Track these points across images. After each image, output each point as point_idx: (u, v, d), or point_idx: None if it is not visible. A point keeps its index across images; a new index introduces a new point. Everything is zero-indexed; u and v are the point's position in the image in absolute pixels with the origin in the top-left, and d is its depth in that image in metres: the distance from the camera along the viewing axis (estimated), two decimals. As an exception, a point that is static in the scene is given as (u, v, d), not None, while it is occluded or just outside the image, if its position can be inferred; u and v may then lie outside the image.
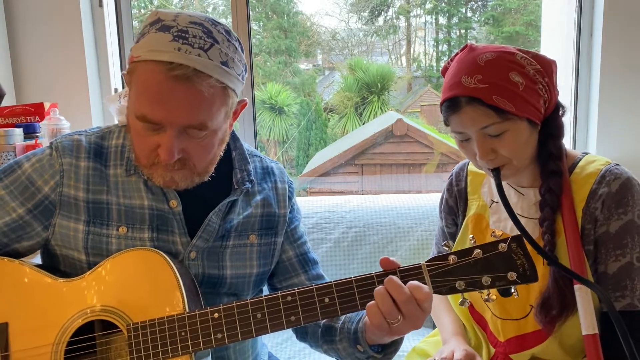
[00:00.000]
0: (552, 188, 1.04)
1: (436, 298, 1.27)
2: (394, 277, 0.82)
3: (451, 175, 1.27)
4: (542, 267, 1.06)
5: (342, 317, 1.01)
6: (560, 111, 1.08)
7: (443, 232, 1.29)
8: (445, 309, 1.27)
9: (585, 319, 0.98)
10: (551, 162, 1.06)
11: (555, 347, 1.09)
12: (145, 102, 0.86)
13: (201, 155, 0.92)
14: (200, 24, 0.87)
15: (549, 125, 1.05)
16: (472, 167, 1.23)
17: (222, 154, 0.99)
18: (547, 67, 1.02)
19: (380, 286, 0.83)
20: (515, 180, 1.12)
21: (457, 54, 1.06)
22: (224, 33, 0.89)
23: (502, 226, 1.14)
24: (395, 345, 0.96)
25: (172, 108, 0.85)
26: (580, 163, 1.08)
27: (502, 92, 0.97)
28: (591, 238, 1.04)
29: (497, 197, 1.15)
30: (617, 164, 1.06)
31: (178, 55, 0.83)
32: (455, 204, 1.24)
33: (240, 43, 0.93)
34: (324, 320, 1.04)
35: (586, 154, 1.11)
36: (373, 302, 0.82)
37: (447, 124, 1.05)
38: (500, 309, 1.12)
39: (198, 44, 0.84)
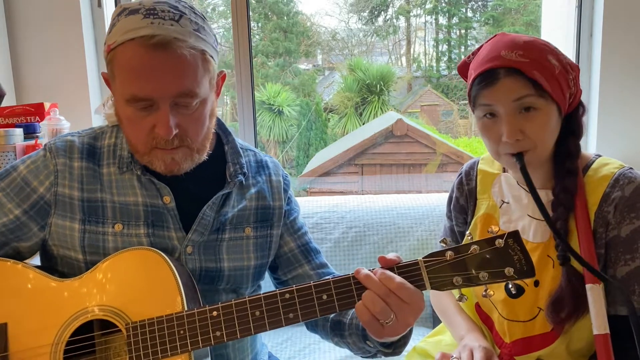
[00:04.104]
0: (567, 187, 1.03)
1: (446, 301, 1.27)
2: (364, 270, 0.84)
3: (460, 174, 1.25)
4: (552, 270, 1.06)
5: (350, 312, 1.01)
6: (581, 110, 1.08)
7: (452, 232, 1.27)
8: (456, 310, 1.25)
9: (597, 318, 0.98)
10: (568, 161, 1.05)
11: (562, 350, 1.09)
12: (132, 81, 0.87)
13: (196, 129, 0.93)
14: (165, 2, 0.90)
15: (571, 123, 1.06)
16: (482, 165, 1.22)
17: (212, 133, 1.00)
18: (574, 66, 1.04)
19: (367, 272, 0.84)
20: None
21: (480, 47, 1.07)
22: (188, 7, 0.92)
23: (512, 227, 1.13)
24: (404, 339, 0.96)
25: (160, 78, 0.86)
26: (594, 165, 1.07)
27: (542, 69, 0.98)
28: (602, 242, 1.03)
29: (507, 198, 1.14)
30: (631, 168, 1.06)
31: (153, 27, 0.86)
32: (466, 203, 1.23)
33: (205, 19, 0.95)
34: (332, 315, 1.04)
35: (599, 156, 1.10)
36: (360, 301, 0.83)
37: (474, 101, 1.04)
38: (507, 310, 1.12)
39: (168, 16, 0.88)
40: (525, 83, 0.98)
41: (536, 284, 1.08)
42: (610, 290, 1.03)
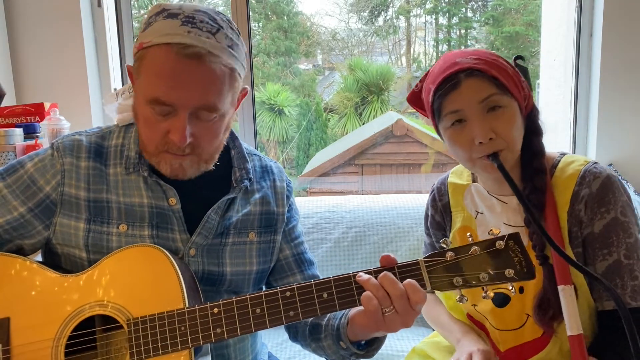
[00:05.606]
0: (537, 186, 1.04)
1: (436, 310, 1.27)
2: (389, 273, 0.84)
3: (433, 191, 1.26)
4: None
5: (328, 314, 1.01)
6: (535, 112, 1.09)
7: (433, 248, 1.27)
8: (448, 317, 1.25)
9: (570, 319, 0.99)
10: (535, 160, 1.06)
11: (555, 354, 1.09)
12: (158, 85, 0.87)
13: (210, 140, 0.93)
14: (205, 12, 0.90)
15: (530, 124, 1.07)
16: (452, 179, 1.22)
17: (223, 146, 1.00)
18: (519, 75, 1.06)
19: (368, 276, 0.84)
20: (497, 188, 1.12)
21: (426, 74, 1.08)
22: (226, 21, 0.92)
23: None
24: (377, 343, 0.97)
25: (186, 88, 0.86)
26: (560, 165, 1.08)
27: (498, 69, 1.00)
28: (579, 240, 1.04)
29: (481, 208, 1.15)
30: (596, 162, 1.06)
31: (189, 37, 0.86)
32: (442, 219, 1.23)
33: (239, 35, 0.95)
34: (311, 318, 1.04)
35: (564, 154, 1.11)
36: (367, 292, 0.83)
37: (439, 113, 1.03)
38: (497, 320, 1.12)
39: (206, 27, 0.87)
40: (487, 82, 0.99)
41: (521, 290, 1.08)
42: (594, 287, 1.04)
